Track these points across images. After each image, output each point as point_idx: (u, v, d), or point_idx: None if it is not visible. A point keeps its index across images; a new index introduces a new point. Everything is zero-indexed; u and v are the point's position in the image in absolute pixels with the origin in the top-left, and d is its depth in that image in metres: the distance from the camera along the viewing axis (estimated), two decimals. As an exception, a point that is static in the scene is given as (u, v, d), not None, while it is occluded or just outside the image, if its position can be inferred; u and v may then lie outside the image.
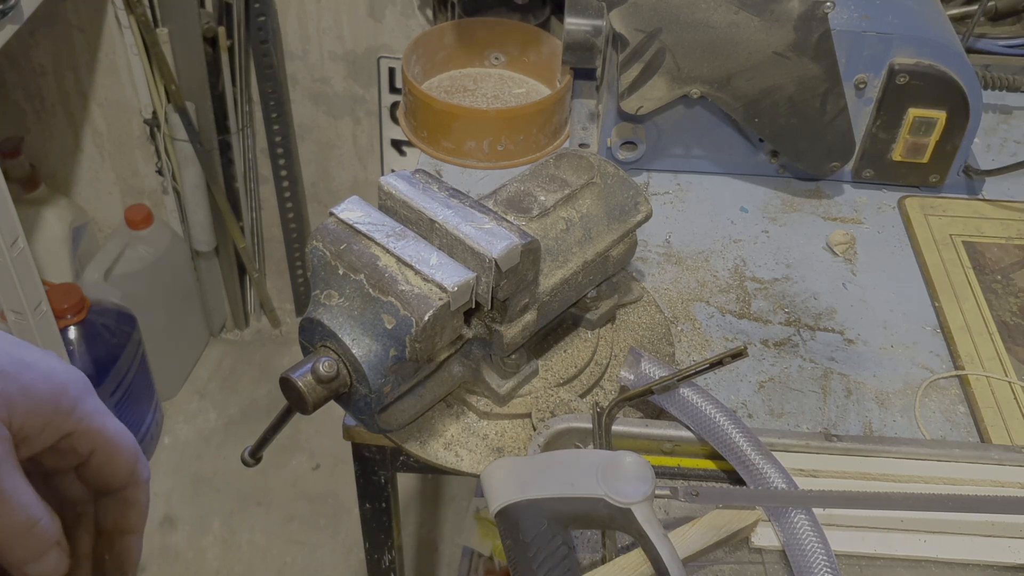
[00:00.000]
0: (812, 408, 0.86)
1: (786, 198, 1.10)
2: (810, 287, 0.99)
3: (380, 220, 0.72)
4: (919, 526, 0.72)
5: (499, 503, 0.67)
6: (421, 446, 0.78)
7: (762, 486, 0.71)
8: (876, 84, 1.04)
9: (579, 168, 0.82)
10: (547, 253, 0.76)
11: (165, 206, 2.14)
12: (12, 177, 1.93)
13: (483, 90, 1.23)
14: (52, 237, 2.02)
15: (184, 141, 1.94)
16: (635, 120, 1.06)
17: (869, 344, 0.92)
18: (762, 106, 1.02)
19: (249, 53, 1.94)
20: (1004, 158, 1.17)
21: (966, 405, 0.87)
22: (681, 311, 0.95)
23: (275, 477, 2.06)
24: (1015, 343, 0.92)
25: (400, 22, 1.88)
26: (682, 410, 0.75)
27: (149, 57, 1.86)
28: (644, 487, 0.65)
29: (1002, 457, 0.76)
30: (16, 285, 1.37)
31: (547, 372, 0.82)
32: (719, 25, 0.97)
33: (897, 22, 1.02)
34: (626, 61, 1.00)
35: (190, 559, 1.92)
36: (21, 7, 1.34)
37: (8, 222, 1.33)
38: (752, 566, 0.71)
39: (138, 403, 1.97)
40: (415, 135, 1.17)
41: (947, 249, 1.02)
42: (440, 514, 2.01)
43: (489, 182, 1.10)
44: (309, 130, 2.09)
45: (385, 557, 0.97)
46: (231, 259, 2.20)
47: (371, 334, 0.68)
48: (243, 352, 2.33)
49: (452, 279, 0.67)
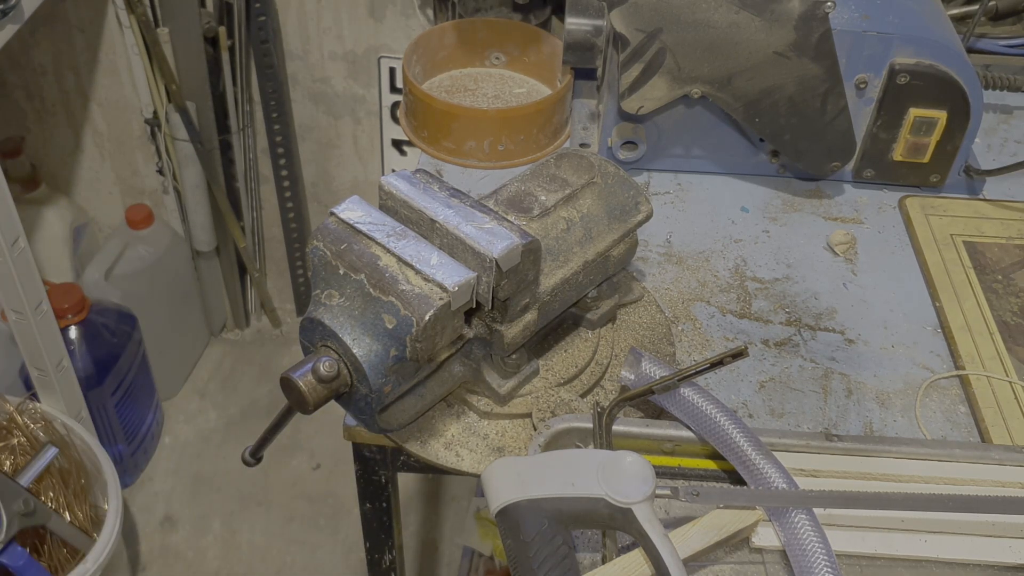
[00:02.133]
0: (813, 408, 0.86)
1: (787, 198, 1.10)
2: (811, 287, 0.99)
3: (381, 220, 0.72)
4: (920, 526, 0.72)
5: (500, 503, 0.67)
6: (422, 446, 0.78)
7: (763, 486, 0.71)
8: (877, 84, 1.04)
9: (580, 168, 0.82)
10: (548, 253, 0.76)
11: (166, 206, 2.14)
12: (13, 177, 1.93)
13: (483, 90, 1.23)
14: (53, 237, 2.02)
15: (185, 141, 1.94)
16: (636, 120, 1.06)
17: (870, 344, 0.92)
18: (763, 106, 1.02)
19: (250, 53, 1.94)
20: (1005, 158, 1.17)
21: (967, 405, 0.87)
22: (682, 311, 0.95)
23: (275, 477, 2.06)
24: (1016, 343, 0.92)
25: (400, 22, 1.88)
26: (683, 410, 0.75)
27: (150, 57, 1.86)
28: (645, 487, 0.65)
29: (1003, 457, 0.76)
30: (17, 285, 1.37)
31: (548, 372, 0.82)
32: (720, 25, 0.97)
33: (898, 22, 1.02)
34: (627, 61, 1.00)
35: (190, 559, 1.92)
36: (22, 7, 1.34)
37: (9, 222, 1.33)
38: (752, 566, 0.71)
39: (138, 403, 1.97)
40: (416, 135, 1.17)
41: (948, 249, 1.02)
42: (440, 514, 2.01)
43: (490, 182, 1.10)
44: (310, 130, 2.09)
45: (385, 557, 0.97)
46: (232, 259, 2.20)
47: (372, 334, 0.68)
48: (244, 352, 2.33)
49: (453, 279, 0.67)
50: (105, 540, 1.46)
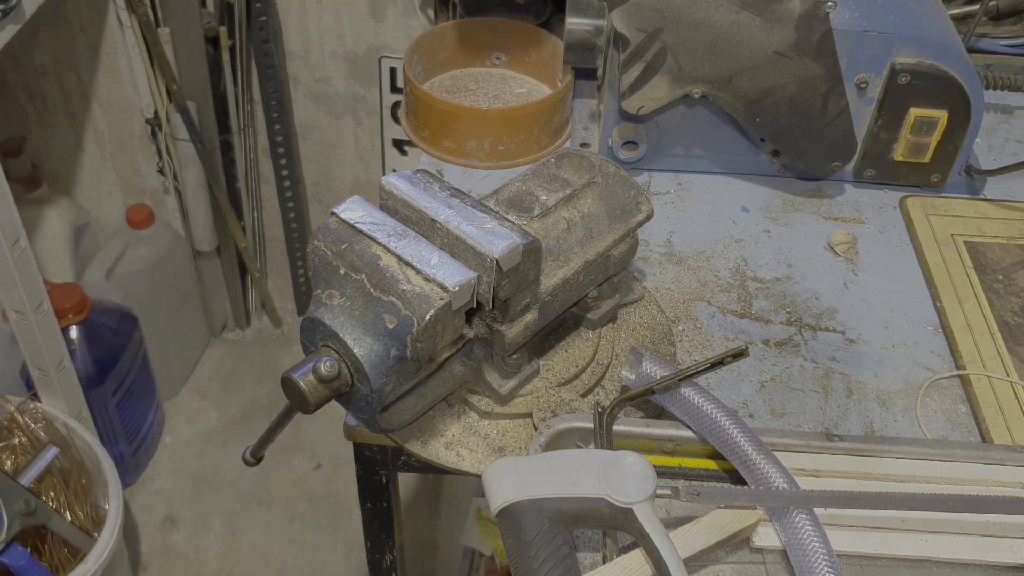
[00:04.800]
0: (813, 408, 0.86)
1: (787, 198, 1.10)
2: (811, 287, 0.99)
3: (381, 220, 0.72)
4: (920, 526, 0.72)
5: (500, 502, 0.67)
6: (422, 446, 0.78)
7: (763, 486, 0.71)
8: (877, 84, 1.04)
9: (580, 168, 0.82)
10: (548, 253, 0.76)
11: (166, 206, 2.14)
12: (14, 177, 1.93)
13: (484, 90, 1.23)
14: (54, 237, 2.02)
15: (185, 141, 1.94)
16: (636, 120, 1.06)
17: (870, 344, 0.92)
18: (763, 106, 1.02)
19: (250, 53, 1.94)
20: (1005, 158, 1.17)
21: (967, 405, 0.87)
22: (682, 311, 0.95)
23: (276, 477, 2.06)
24: (1016, 343, 0.92)
25: (401, 22, 1.88)
26: (683, 410, 0.75)
27: (150, 57, 1.86)
28: (645, 487, 0.65)
29: (1003, 457, 0.76)
30: (18, 285, 1.37)
31: (548, 372, 0.82)
32: (720, 25, 0.97)
33: (898, 22, 1.02)
34: (627, 61, 1.00)
35: (191, 559, 1.92)
36: (23, 7, 1.34)
37: (10, 222, 1.33)
38: (753, 566, 0.71)
39: (139, 403, 1.98)
40: (416, 135, 1.17)
41: (948, 249, 1.02)
42: (441, 514, 2.01)
43: (490, 182, 1.10)
44: (310, 130, 2.09)
45: (386, 557, 0.97)
46: (232, 259, 2.20)
47: (372, 334, 0.68)
48: (244, 352, 2.33)
49: (453, 279, 0.67)
50: (106, 540, 1.46)
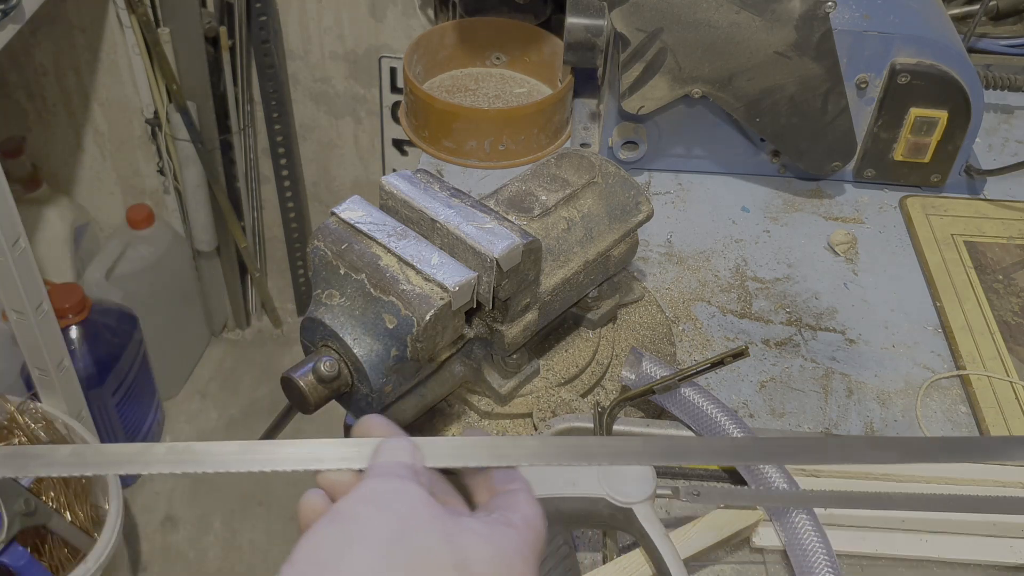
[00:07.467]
0: (813, 408, 0.86)
1: (787, 198, 1.10)
2: (811, 287, 0.99)
3: (381, 220, 0.72)
4: (920, 526, 0.72)
5: (500, 503, 0.67)
6: (422, 446, 0.78)
7: (763, 486, 0.71)
8: (877, 84, 1.04)
9: (580, 168, 0.82)
10: (548, 253, 0.76)
11: (166, 206, 2.14)
12: (14, 177, 1.93)
13: (484, 90, 1.23)
14: (54, 237, 2.02)
15: (185, 141, 1.94)
16: (636, 120, 1.06)
17: (870, 344, 0.92)
18: (763, 106, 1.02)
19: (250, 53, 1.94)
20: (1005, 158, 1.17)
21: (967, 405, 0.87)
22: (682, 311, 0.95)
23: (276, 477, 2.06)
24: (1016, 343, 0.92)
25: (401, 22, 1.88)
26: (683, 410, 0.75)
27: (150, 57, 1.86)
28: (645, 487, 0.65)
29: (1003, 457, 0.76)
30: (18, 285, 1.37)
31: (548, 372, 0.82)
32: (720, 25, 0.97)
33: (898, 22, 1.02)
34: (627, 61, 1.00)
35: (191, 559, 1.92)
36: (23, 7, 1.34)
37: (10, 222, 1.33)
38: (753, 566, 0.71)
39: (139, 403, 1.98)
40: (416, 135, 1.17)
41: (948, 249, 1.02)
42: (441, 514, 2.01)
43: (490, 182, 1.10)
44: (310, 130, 2.09)
45: (386, 557, 0.97)
46: (232, 259, 2.20)
47: (372, 334, 0.68)
48: (244, 352, 2.33)
49: (453, 279, 0.67)
50: (106, 540, 1.46)
